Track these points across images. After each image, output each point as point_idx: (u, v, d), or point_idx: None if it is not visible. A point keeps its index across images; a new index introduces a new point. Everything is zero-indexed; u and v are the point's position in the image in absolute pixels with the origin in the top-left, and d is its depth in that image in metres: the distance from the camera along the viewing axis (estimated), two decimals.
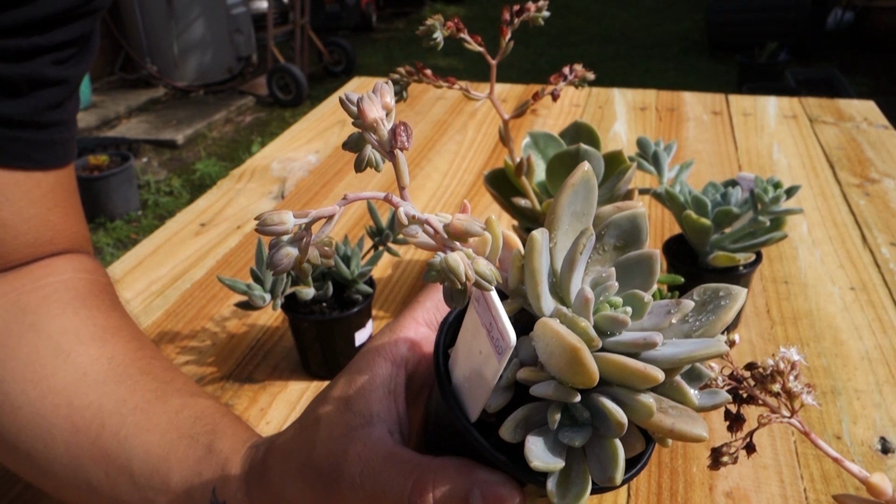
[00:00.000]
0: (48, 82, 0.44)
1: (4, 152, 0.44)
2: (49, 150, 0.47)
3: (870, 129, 1.22)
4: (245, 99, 4.19)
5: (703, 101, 1.35)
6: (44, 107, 0.45)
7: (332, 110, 1.36)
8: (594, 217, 0.32)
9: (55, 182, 0.48)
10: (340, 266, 0.63)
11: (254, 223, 0.94)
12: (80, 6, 0.44)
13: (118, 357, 0.45)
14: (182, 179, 3.24)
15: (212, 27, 4.25)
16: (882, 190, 1.01)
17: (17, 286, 0.47)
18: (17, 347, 0.44)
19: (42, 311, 0.46)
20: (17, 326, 0.45)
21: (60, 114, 0.47)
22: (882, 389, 0.64)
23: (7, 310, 0.46)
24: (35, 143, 0.45)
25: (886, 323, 0.72)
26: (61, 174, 0.49)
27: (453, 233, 0.24)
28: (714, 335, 0.29)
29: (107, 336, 0.46)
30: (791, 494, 0.53)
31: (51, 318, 0.46)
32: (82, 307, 0.47)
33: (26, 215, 0.47)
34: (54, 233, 0.49)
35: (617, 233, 0.32)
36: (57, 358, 0.44)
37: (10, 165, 0.45)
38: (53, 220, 0.48)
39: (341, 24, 5.55)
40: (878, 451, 0.57)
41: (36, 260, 0.48)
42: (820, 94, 2.74)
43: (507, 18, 0.55)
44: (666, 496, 0.54)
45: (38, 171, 0.47)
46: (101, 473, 0.41)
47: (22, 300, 0.46)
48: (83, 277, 0.49)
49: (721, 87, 4.02)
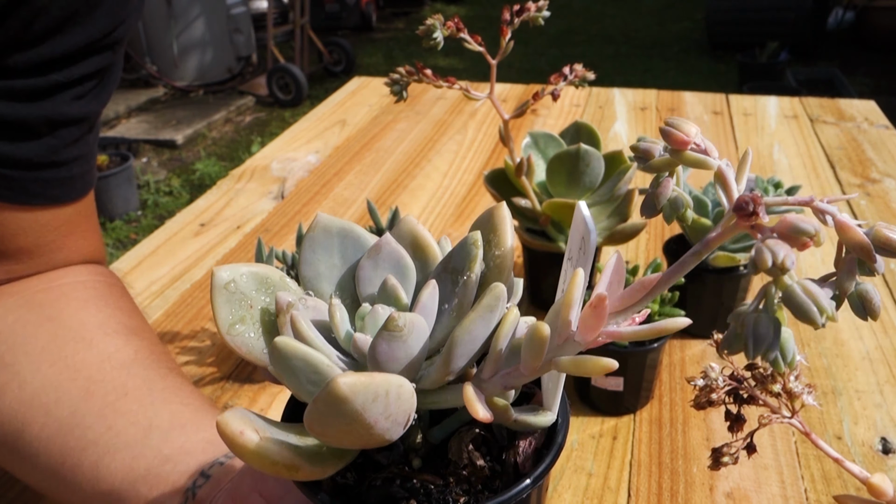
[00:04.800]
0: (68, 121, 0.43)
1: (23, 191, 0.43)
2: (68, 186, 0.46)
3: (871, 129, 1.22)
4: (245, 99, 4.19)
5: (703, 100, 1.35)
6: (62, 146, 0.44)
7: (331, 110, 1.36)
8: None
9: (73, 212, 0.47)
10: None
11: (253, 223, 0.94)
12: (100, 40, 0.43)
13: (143, 352, 0.44)
14: (182, 179, 3.24)
15: (211, 27, 4.25)
16: (883, 190, 1.01)
17: (30, 285, 0.46)
18: (34, 334, 0.43)
19: (60, 304, 0.45)
20: (34, 317, 0.44)
21: (80, 148, 0.46)
22: (883, 390, 0.63)
23: (21, 304, 0.45)
24: (53, 181, 0.45)
25: (887, 323, 0.72)
26: (80, 204, 0.48)
27: None
28: None
29: (130, 334, 0.45)
30: (792, 495, 0.53)
31: (71, 312, 0.45)
32: (105, 305, 0.46)
33: (42, 242, 0.46)
34: (68, 253, 0.48)
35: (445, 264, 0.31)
36: (78, 344, 0.43)
37: (29, 203, 0.44)
38: (69, 243, 0.48)
39: (341, 24, 5.54)
40: (878, 451, 0.57)
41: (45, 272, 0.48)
42: (821, 94, 2.74)
43: (507, 18, 0.55)
44: (666, 496, 0.54)
45: (56, 206, 0.46)
46: (102, 428, 0.39)
47: (37, 297, 0.45)
48: (100, 280, 0.49)
49: (721, 87, 4.02)
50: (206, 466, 0.36)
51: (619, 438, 0.59)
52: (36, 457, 0.40)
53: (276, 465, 0.25)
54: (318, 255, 0.29)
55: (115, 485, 0.38)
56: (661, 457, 0.57)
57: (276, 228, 0.94)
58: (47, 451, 0.40)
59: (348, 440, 0.25)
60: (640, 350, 0.58)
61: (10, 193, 0.43)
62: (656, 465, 0.56)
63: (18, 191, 0.43)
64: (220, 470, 0.36)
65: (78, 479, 0.39)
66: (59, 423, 0.40)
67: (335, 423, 0.24)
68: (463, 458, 0.29)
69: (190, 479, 0.36)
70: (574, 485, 0.55)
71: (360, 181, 1.06)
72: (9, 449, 0.42)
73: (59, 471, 0.40)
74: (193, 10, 4.15)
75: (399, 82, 0.56)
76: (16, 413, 0.41)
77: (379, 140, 1.20)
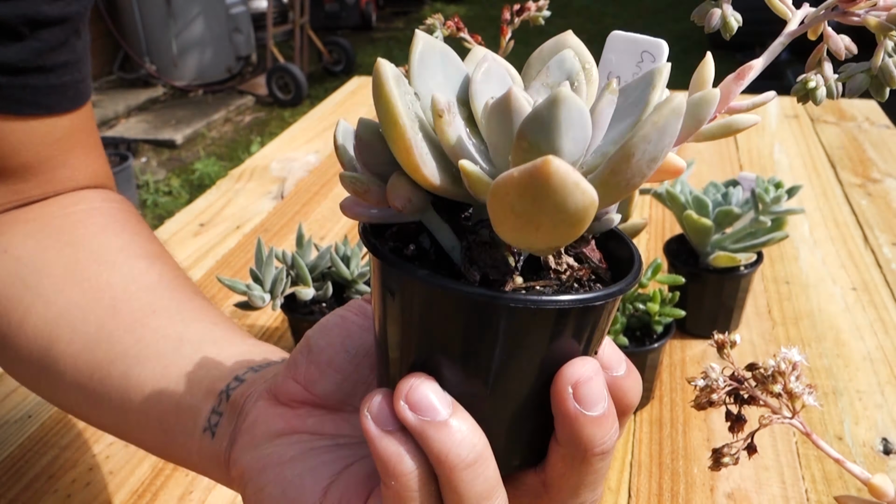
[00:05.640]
0: (48, 21, 0.43)
1: (14, 100, 0.43)
2: (60, 94, 0.45)
3: (871, 129, 1.21)
4: (244, 98, 4.19)
5: None
6: (47, 49, 0.43)
7: (331, 110, 1.36)
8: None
9: (70, 125, 0.47)
10: (340, 266, 0.62)
11: (253, 223, 0.94)
12: None
13: (168, 275, 0.43)
14: (181, 179, 3.23)
15: (211, 26, 4.24)
16: (884, 190, 1.00)
17: (45, 212, 0.45)
18: (55, 258, 0.42)
19: (79, 230, 0.44)
20: (54, 243, 0.43)
21: (66, 54, 0.45)
22: (884, 390, 0.63)
23: (39, 230, 0.44)
24: (43, 88, 0.44)
25: (888, 323, 0.72)
26: (77, 116, 0.47)
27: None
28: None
29: (153, 258, 0.44)
30: (792, 495, 0.53)
31: (90, 237, 0.44)
32: (122, 230, 0.46)
33: (44, 156, 0.45)
34: (73, 171, 0.47)
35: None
36: (101, 266, 0.42)
37: (22, 113, 0.44)
38: (73, 160, 0.47)
39: (341, 24, 5.54)
40: (879, 451, 0.57)
41: (56, 196, 0.47)
42: None
43: (508, 18, 0.55)
44: (667, 497, 0.53)
45: (51, 116, 0.45)
46: (131, 341, 0.38)
47: (54, 223, 0.45)
48: (115, 206, 0.48)
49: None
50: (240, 373, 0.36)
51: (619, 439, 0.59)
52: (63, 374, 0.40)
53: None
54: (429, 71, 0.26)
55: (146, 392, 0.37)
56: (661, 457, 0.57)
57: (275, 228, 0.94)
58: (75, 367, 0.39)
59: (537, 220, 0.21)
60: (640, 350, 0.58)
61: (1, 103, 0.43)
62: (657, 466, 0.56)
63: (8, 99, 0.43)
64: (254, 375, 0.35)
65: (107, 390, 0.38)
66: (87, 339, 0.39)
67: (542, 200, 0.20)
68: (562, 264, 0.27)
69: (223, 383, 0.35)
70: None
71: None
72: (36, 369, 0.41)
73: (88, 384, 0.39)
74: (193, 9, 4.15)
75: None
76: (41, 332, 0.40)
77: None
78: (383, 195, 0.25)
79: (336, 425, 0.31)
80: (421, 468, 0.25)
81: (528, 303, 0.24)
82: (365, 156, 0.25)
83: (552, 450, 0.27)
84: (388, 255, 0.25)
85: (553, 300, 0.24)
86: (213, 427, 0.34)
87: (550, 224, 0.21)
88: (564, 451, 0.26)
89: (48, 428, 0.61)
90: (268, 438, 0.31)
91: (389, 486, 0.25)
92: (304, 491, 0.29)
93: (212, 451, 0.34)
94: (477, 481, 0.25)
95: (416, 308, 0.25)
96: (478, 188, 0.22)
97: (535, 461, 0.28)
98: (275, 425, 0.31)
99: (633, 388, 0.28)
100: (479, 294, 0.24)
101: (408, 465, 0.25)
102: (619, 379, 0.28)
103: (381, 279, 0.26)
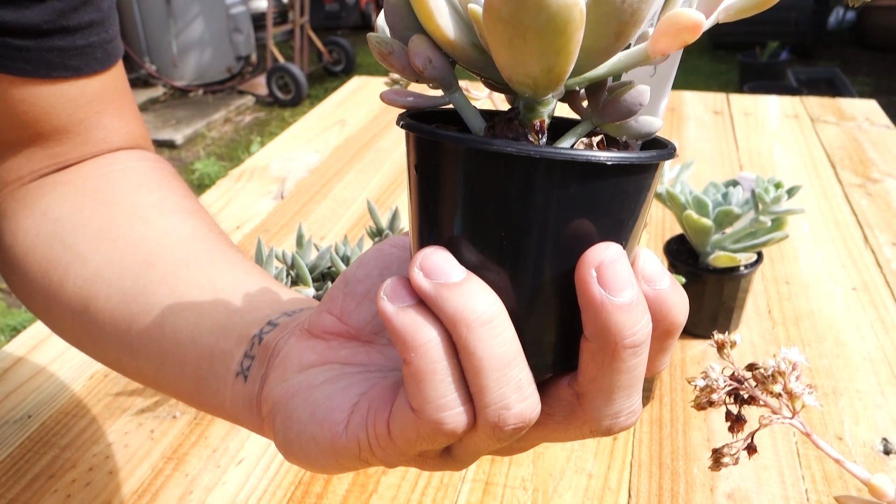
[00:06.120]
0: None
1: (42, 63, 0.43)
2: (88, 55, 0.45)
3: (871, 129, 1.21)
4: (244, 98, 4.19)
5: (704, 100, 1.35)
6: (69, 9, 0.43)
7: (331, 110, 1.36)
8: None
9: (101, 86, 0.47)
10: (340, 266, 0.62)
11: (253, 223, 0.94)
12: None
13: (201, 230, 0.43)
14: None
15: (211, 26, 4.25)
16: (884, 190, 1.00)
17: (81, 174, 0.46)
18: (91, 217, 0.43)
19: (114, 188, 0.45)
20: (89, 202, 0.44)
21: (90, 13, 0.45)
22: (884, 390, 0.63)
23: (75, 191, 0.45)
24: (70, 49, 0.44)
25: (888, 323, 0.72)
26: (107, 77, 0.47)
27: None
28: None
29: (187, 213, 0.45)
30: (792, 496, 0.53)
31: (125, 195, 0.44)
32: (157, 188, 0.46)
33: (76, 119, 0.46)
34: (108, 132, 0.48)
35: None
36: (135, 223, 0.43)
37: (50, 76, 0.44)
38: (105, 121, 0.48)
39: (341, 24, 5.55)
40: (879, 451, 0.57)
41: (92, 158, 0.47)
42: (821, 94, 2.74)
43: None
44: (667, 497, 0.53)
45: (80, 77, 0.45)
46: (165, 292, 0.39)
47: (89, 184, 0.45)
48: (149, 165, 0.48)
49: (722, 87, 4.02)
50: (274, 317, 0.36)
51: (620, 439, 0.59)
52: (102, 328, 0.41)
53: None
54: None
55: (181, 341, 0.37)
56: (661, 457, 0.57)
57: (275, 228, 0.94)
58: (113, 321, 0.40)
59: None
60: None
61: (30, 67, 0.43)
62: (657, 466, 0.56)
63: (36, 63, 0.43)
64: (287, 320, 0.35)
65: (144, 342, 0.39)
66: (123, 293, 0.40)
67: None
68: (592, 145, 0.26)
69: (256, 328, 0.35)
70: (574, 485, 0.55)
71: (360, 181, 1.06)
72: (79, 326, 0.42)
73: (125, 337, 0.40)
74: (193, 9, 4.15)
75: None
76: (80, 290, 0.41)
77: (379, 140, 1.20)
78: (402, 55, 0.25)
79: (369, 356, 0.31)
80: (440, 336, 0.24)
81: (556, 155, 0.22)
82: (391, 18, 0.26)
83: (583, 350, 0.26)
84: (416, 125, 0.25)
85: (585, 154, 0.22)
86: (245, 371, 0.34)
87: (536, 30, 0.20)
88: (594, 346, 0.25)
89: (48, 428, 0.61)
90: (299, 370, 0.31)
91: (410, 362, 0.24)
92: (332, 408, 0.28)
93: (244, 395, 0.34)
94: (495, 342, 0.24)
95: (446, 177, 0.25)
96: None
97: (566, 367, 0.27)
98: (307, 358, 0.31)
99: (678, 304, 0.26)
100: (502, 146, 0.22)
101: (425, 335, 0.24)
102: (662, 293, 0.26)
103: (416, 159, 0.26)
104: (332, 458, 0.29)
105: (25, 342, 0.72)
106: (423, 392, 0.25)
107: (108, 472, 0.57)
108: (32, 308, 0.46)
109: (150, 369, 0.40)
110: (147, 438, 0.60)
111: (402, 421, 0.26)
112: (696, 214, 0.64)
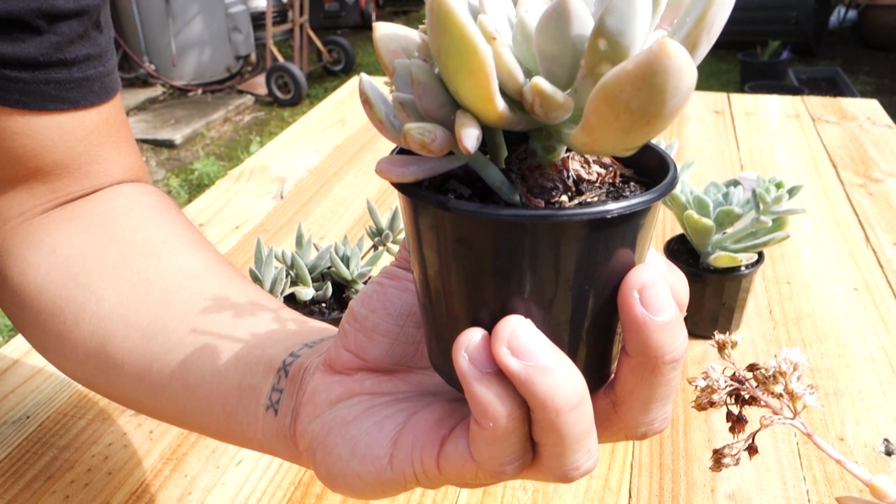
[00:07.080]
0: (64, 14, 0.43)
1: (38, 95, 0.43)
2: (85, 88, 0.45)
3: (873, 129, 1.21)
4: (244, 98, 4.19)
5: (704, 100, 1.35)
6: (66, 42, 0.43)
7: (331, 109, 1.35)
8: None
9: (99, 119, 0.47)
10: (340, 266, 0.62)
11: (252, 223, 0.94)
12: None
13: (212, 262, 0.44)
14: (180, 179, 3.23)
15: (210, 26, 4.24)
16: (885, 190, 1.00)
17: (86, 209, 0.46)
18: (103, 255, 0.43)
19: (121, 224, 0.45)
20: (100, 239, 0.44)
21: (87, 47, 0.45)
22: (885, 391, 0.63)
23: (84, 228, 0.45)
24: (67, 82, 0.44)
25: (890, 323, 0.72)
26: (105, 110, 0.47)
27: None
28: None
29: (196, 246, 0.45)
30: (794, 496, 0.53)
31: (134, 231, 0.45)
32: (164, 221, 0.46)
33: (75, 152, 0.46)
34: (107, 165, 0.48)
35: None
36: (148, 259, 0.43)
37: (47, 108, 0.44)
38: (105, 154, 0.48)
39: (340, 23, 5.55)
40: (881, 452, 0.57)
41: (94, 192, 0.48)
42: (823, 93, 2.74)
43: None
44: (668, 498, 0.53)
45: (77, 110, 0.45)
46: (185, 331, 0.39)
47: (96, 220, 0.45)
48: (152, 199, 0.49)
49: (723, 86, 4.02)
50: (295, 349, 0.36)
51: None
52: (121, 367, 0.40)
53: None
54: None
55: (206, 377, 0.37)
56: (662, 458, 0.57)
57: (275, 228, 0.94)
58: (132, 360, 0.40)
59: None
60: None
61: (27, 99, 0.43)
62: (657, 467, 0.56)
63: (33, 95, 0.43)
64: (309, 351, 0.36)
65: (166, 380, 0.39)
66: (142, 332, 0.40)
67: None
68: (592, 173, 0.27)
69: (280, 360, 0.36)
70: (575, 486, 0.55)
71: (360, 181, 1.06)
72: (94, 365, 0.42)
73: (146, 377, 0.40)
74: (192, 8, 4.15)
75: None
76: (97, 329, 0.41)
77: (379, 139, 1.19)
78: (445, 141, 0.24)
79: (394, 384, 0.32)
80: (518, 411, 0.25)
81: (596, 214, 0.23)
82: (426, 101, 0.24)
83: (622, 363, 0.27)
84: (467, 207, 0.24)
85: (626, 205, 0.24)
86: (275, 404, 0.35)
87: (663, 114, 0.20)
88: (634, 361, 0.26)
89: (46, 429, 0.61)
90: (329, 405, 0.32)
91: (486, 428, 0.25)
92: (372, 444, 0.30)
93: (277, 429, 0.34)
94: (580, 421, 0.25)
95: (482, 246, 0.25)
96: (550, 105, 0.22)
97: (600, 384, 0.28)
98: (334, 392, 0.32)
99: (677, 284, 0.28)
100: (561, 215, 0.23)
101: (506, 408, 0.25)
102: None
103: (450, 231, 0.26)
104: (378, 489, 0.30)
105: (24, 343, 0.72)
106: (491, 452, 0.26)
107: (106, 473, 0.56)
108: (40, 347, 0.46)
109: (172, 407, 0.40)
110: (146, 439, 0.60)
111: (458, 464, 0.27)
112: (697, 214, 0.64)
